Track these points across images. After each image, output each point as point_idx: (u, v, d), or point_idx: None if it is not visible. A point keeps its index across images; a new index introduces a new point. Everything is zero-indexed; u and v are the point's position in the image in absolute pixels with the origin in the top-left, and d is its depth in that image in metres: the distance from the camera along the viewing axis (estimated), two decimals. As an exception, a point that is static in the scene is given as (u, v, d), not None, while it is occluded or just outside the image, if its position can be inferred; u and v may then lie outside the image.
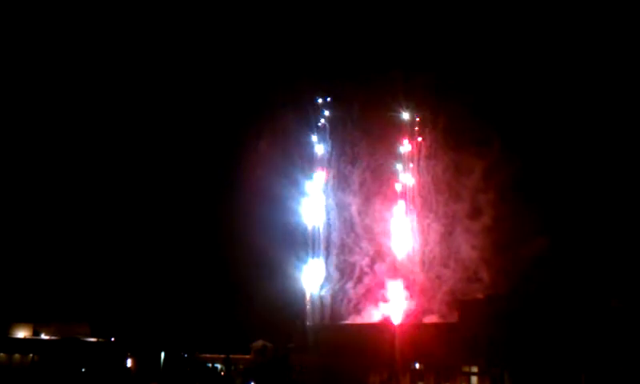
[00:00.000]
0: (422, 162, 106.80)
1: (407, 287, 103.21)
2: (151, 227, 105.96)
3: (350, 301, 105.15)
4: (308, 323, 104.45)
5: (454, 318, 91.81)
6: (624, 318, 78.22)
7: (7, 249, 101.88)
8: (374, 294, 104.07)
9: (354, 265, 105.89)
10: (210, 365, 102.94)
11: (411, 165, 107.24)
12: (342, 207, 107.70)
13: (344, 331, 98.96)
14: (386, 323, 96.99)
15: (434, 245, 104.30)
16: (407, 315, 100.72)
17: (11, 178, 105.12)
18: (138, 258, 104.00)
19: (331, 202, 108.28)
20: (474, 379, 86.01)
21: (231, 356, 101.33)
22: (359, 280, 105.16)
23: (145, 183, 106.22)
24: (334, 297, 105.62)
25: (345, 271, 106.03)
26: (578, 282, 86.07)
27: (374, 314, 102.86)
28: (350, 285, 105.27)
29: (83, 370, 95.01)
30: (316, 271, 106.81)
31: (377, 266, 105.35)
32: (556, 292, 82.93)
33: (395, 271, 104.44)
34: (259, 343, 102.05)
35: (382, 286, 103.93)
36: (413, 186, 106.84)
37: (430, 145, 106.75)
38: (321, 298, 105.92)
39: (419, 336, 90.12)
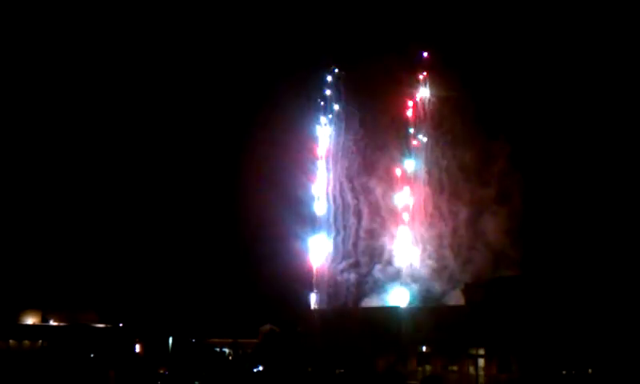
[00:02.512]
0: (445, 147, 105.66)
1: (435, 270, 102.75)
2: (158, 213, 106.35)
3: (373, 283, 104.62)
4: (315, 307, 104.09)
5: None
6: (634, 304, 76.59)
7: (17, 238, 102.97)
8: (397, 277, 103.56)
9: (379, 248, 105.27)
10: (217, 349, 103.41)
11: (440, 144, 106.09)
12: (367, 191, 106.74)
13: (351, 315, 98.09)
14: (393, 306, 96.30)
15: (463, 228, 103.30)
16: (427, 298, 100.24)
17: (21, 170, 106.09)
18: (146, 243, 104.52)
19: (356, 185, 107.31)
20: (481, 362, 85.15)
21: (239, 340, 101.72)
22: (386, 263, 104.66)
23: (148, 170, 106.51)
24: (357, 280, 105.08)
25: (371, 255, 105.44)
26: (587, 266, 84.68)
27: (394, 297, 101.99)
28: (374, 268, 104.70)
29: (92, 355, 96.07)
30: (326, 254, 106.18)
31: (402, 249, 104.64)
32: (563, 275, 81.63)
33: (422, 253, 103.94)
34: (267, 327, 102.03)
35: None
36: (439, 170, 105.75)
37: (452, 128, 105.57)
38: (345, 281, 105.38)
39: (426, 319, 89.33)
